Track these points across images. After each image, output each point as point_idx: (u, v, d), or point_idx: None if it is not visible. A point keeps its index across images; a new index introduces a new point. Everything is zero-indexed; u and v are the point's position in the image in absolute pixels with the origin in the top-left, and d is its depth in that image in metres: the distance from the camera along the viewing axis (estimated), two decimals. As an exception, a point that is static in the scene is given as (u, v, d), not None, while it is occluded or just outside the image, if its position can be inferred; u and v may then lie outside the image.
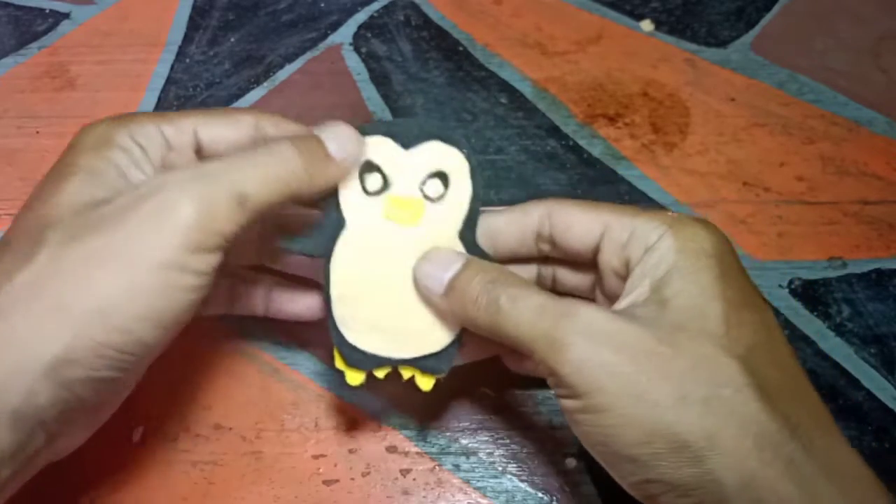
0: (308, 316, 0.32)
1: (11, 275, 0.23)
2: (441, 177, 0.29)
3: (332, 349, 0.28)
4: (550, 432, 0.33)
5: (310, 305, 0.32)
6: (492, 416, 0.33)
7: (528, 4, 0.52)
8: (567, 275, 0.31)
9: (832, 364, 0.35)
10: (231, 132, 0.28)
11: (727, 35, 0.49)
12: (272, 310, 0.33)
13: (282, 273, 0.33)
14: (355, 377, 0.28)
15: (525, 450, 0.32)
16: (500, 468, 0.32)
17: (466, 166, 0.29)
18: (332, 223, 0.29)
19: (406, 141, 0.29)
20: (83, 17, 0.51)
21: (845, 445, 0.23)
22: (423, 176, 0.29)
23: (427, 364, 0.28)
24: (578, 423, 0.24)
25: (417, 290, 0.28)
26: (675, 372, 0.23)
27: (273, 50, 0.49)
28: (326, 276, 0.28)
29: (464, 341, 0.29)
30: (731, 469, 0.21)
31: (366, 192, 0.29)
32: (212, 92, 0.47)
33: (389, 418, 0.33)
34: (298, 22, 0.51)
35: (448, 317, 0.28)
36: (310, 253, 0.29)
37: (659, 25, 0.50)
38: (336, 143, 0.28)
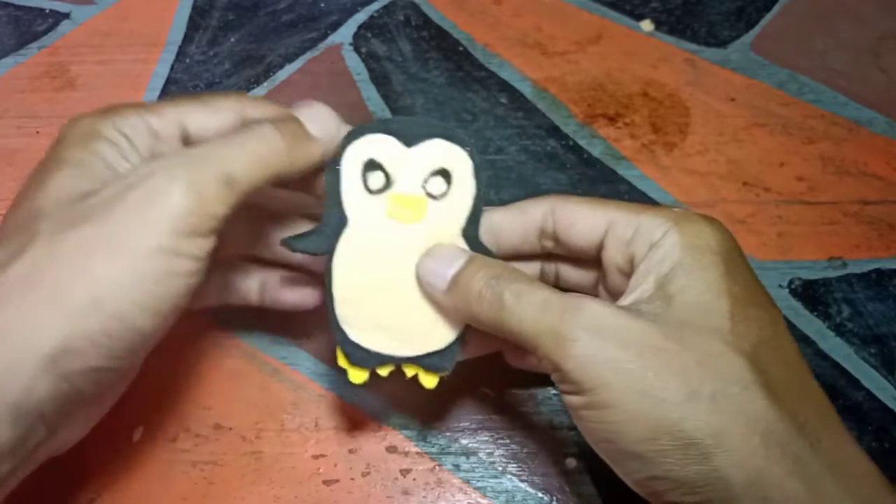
0: (303, 305, 0.32)
1: (5, 267, 0.23)
2: (444, 174, 0.29)
3: (335, 347, 0.28)
4: (550, 432, 0.33)
5: (304, 294, 0.32)
6: (492, 416, 0.33)
7: (528, 4, 0.52)
8: (570, 272, 0.31)
9: (832, 364, 0.35)
10: (215, 119, 0.29)
11: (727, 35, 0.49)
12: (267, 300, 0.33)
13: (275, 263, 0.33)
14: (358, 375, 0.28)
15: (525, 450, 0.32)
16: (500, 468, 0.32)
17: (470, 163, 0.29)
18: (335, 221, 0.29)
19: (409, 139, 0.29)
20: (83, 17, 0.51)
21: (852, 443, 0.23)
22: (426, 174, 0.29)
23: (430, 362, 0.28)
24: (583, 420, 0.24)
25: (420, 287, 0.28)
26: (682, 368, 0.22)
27: (273, 50, 0.49)
28: (329, 275, 0.28)
29: (467, 339, 0.29)
30: (738, 466, 0.21)
31: (368, 191, 0.29)
32: (212, 92, 0.47)
33: (389, 418, 0.33)
34: (298, 22, 0.51)
35: (451, 313, 0.28)
36: (313, 251, 0.29)
37: (659, 25, 0.50)
38: (316, 124, 0.28)
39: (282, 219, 0.32)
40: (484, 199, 0.29)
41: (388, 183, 0.29)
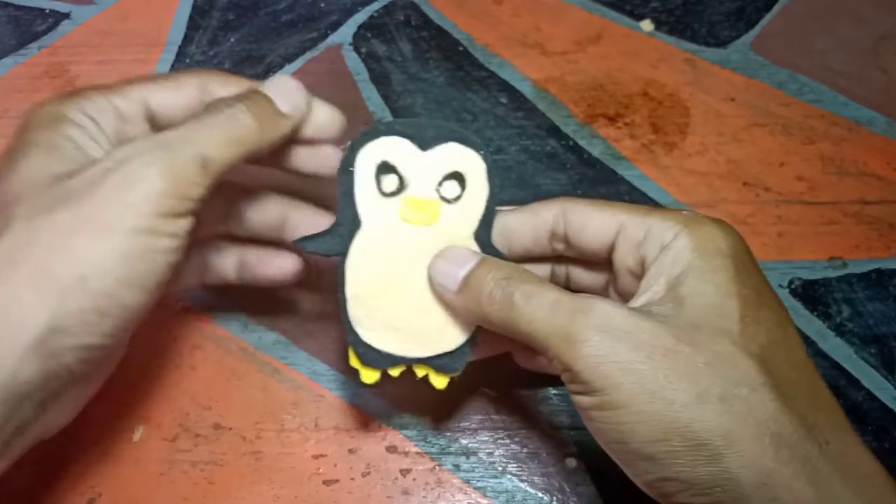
0: (280, 278, 0.33)
1: None
2: (458, 178, 0.29)
3: (347, 348, 0.29)
4: (550, 432, 0.33)
5: (280, 266, 0.32)
6: (492, 416, 0.33)
7: (528, 4, 0.52)
8: (581, 274, 0.31)
9: (832, 364, 0.35)
10: (179, 97, 0.29)
11: (727, 35, 0.49)
12: (245, 275, 0.33)
13: (250, 239, 0.33)
14: (370, 376, 0.29)
15: (525, 450, 0.32)
16: (500, 468, 0.32)
17: (484, 167, 0.30)
18: (348, 223, 0.29)
19: (423, 142, 0.29)
20: (83, 17, 0.51)
21: (860, 445, 0.23)
22: (440, 177, 0.29)
23: (441, 363, 0.29)
24: (593, 421, 0.24)
25: (432, 289, 0.29)
26: (692, 370, 0.23)
27: (273, 50, 0.49)
28: (342, 276, 0.29)
29: (478, 340, 0.29)
30: (748, 468, 0.21)
31: (382, 193, 0.29)
32: (212, 92, 0.47)
33: (389, 418, 0.33)
34: (298, 22, 0.51)
35: (462, 314, 0.28)
36: (326, 252, 0.29)
37: (659, 25, 0.50)
38: (285, 100, 0.29)
39: (253, 193, 0.32)
40: (496, 202, 0.30)
41: (402, 186, 0.29)
